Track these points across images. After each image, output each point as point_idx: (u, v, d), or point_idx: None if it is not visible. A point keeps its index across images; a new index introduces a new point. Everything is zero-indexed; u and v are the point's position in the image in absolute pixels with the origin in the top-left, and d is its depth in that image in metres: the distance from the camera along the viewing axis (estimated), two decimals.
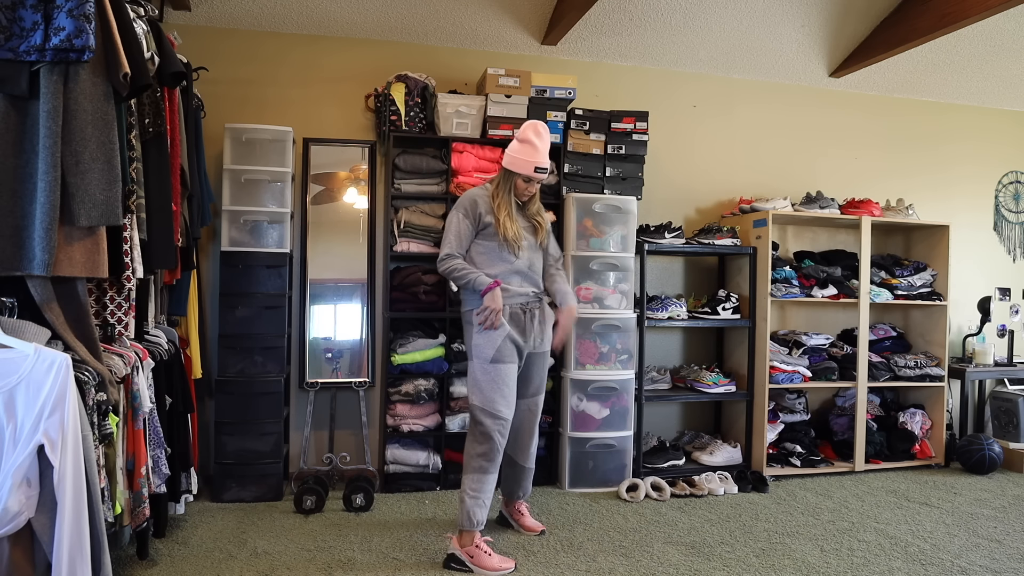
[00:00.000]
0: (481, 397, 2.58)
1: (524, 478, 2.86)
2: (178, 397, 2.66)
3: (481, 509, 2.54)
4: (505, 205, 2.67)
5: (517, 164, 2.64)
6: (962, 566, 2.55)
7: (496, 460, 2.59)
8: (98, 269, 1.89)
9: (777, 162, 4.31)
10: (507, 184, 2.69)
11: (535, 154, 2.62)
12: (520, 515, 2.88)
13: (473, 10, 3.54)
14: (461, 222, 2.67)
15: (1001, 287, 4.63)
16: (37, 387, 1.57)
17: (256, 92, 3.58)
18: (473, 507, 2.53)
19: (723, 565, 2.53)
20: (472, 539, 2.52)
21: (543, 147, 2.65)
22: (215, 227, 3.42)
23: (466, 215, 2.67)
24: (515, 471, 2.85)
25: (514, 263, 2.69)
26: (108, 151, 1.87)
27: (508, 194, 2.69)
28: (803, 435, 3.93)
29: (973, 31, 3.76)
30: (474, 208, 2.68)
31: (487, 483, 2.57)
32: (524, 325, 2.69)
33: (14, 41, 1.76)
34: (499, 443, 2.58)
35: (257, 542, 2.68)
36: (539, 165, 2.63)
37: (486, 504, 2.56)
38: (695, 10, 3.61)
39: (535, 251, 2.78)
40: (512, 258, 2.68)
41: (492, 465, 2.58)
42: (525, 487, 2.88)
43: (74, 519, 1.58)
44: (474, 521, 2.53)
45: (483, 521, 2.55)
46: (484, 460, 2.57)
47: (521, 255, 2.70)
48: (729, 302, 3.83)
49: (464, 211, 2.68)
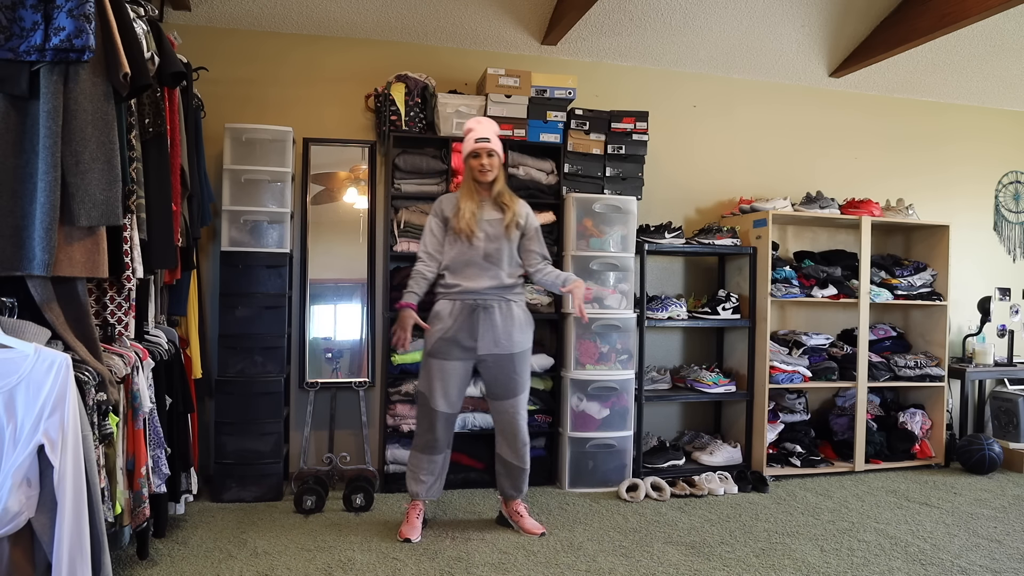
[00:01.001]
0: (422, 383, 2.79)
1: (515, 476, 2.84)
2: (178, 397, 2.66)
3: (415, 483, 2.80)
4: (467, 195, 2.79)
5: (463, 149, 2.82)
6: (962, 566, 2.55)
7: (431, 447, 2.77)
8: (98, 269, 1.89)
9: (777, 162, 4.31)
10: (467, 175, 2.83)
11: (475, 134, 2.78)
12: (519, 516, 2.87)
13: (473, 10, 3.54)
14: (430, 223, 2.85)
15: (1001, 287, 4.63)
16: (37, 387, 1.57)
17: (256, 92, 3.58)
18: (409, 479, 2.83)
19: (723, 565, 2.53)
20: (413, 507, 2.81)
21: (482, 128, 2.78)
22: (215, 227, 3.42)
23: (434, 215, 2.85)
24: (506, 468, 2.85)
25: (467, 252, 2.74)
26: (108, 151, 1.87)
27: (470, 184, 2.81)
28: (803, 435, 3.93)
29: (973, 31, 3.76)
30: (439, 207, 2.85)
31: (422, 462, 2.79)
32: (474, 323, 2.69)
33: (14, 41, 1.76)
34: (436, 431, 2.74)
35: (257, 542, 2.68)
36: (478, 136, 2.76)
37: (422, 479, 2.79)
38: (695, 10, 3.61)
39: (499, 241, 2.76)
40: (466, 247, 2.74)
41: (427, 447, 2.78)
42: (517, 485, 2.85)
43: (74, 519, 1.58)
44: (412, 493, 2.82)
45: (418, 493, 2.80)
46: (420, 440, 2.79)
47: (476, 243, 2.73)
48: (729, 302, 3.83)
49: (433, 212, 2.86)
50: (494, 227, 2.76)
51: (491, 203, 2.81)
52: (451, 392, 2.73)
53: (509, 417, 2.78)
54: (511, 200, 2.83)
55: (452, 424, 2.82)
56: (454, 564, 2.50)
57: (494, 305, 2.73)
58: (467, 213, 2.73)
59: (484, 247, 2.74)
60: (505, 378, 2.76)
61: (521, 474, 2.85)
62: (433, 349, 2.74)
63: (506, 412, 2.78)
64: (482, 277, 2.73)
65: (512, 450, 2.81)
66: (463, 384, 2.78)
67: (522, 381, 2.79)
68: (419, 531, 2.77)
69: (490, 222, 2.77)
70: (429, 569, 2.46)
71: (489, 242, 2.75)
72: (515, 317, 2.77)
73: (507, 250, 2.78)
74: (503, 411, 2.79)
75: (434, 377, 2.73)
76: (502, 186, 2.84)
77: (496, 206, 2.81)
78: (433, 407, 2.73)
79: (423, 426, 2.78)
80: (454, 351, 2.71)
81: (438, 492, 2.86)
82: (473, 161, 2.77)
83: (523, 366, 2.79)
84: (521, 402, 2.80)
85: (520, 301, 2.83)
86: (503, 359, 2.74)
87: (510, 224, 2.78)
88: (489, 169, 2.77)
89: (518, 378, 2.77)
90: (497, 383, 2.77)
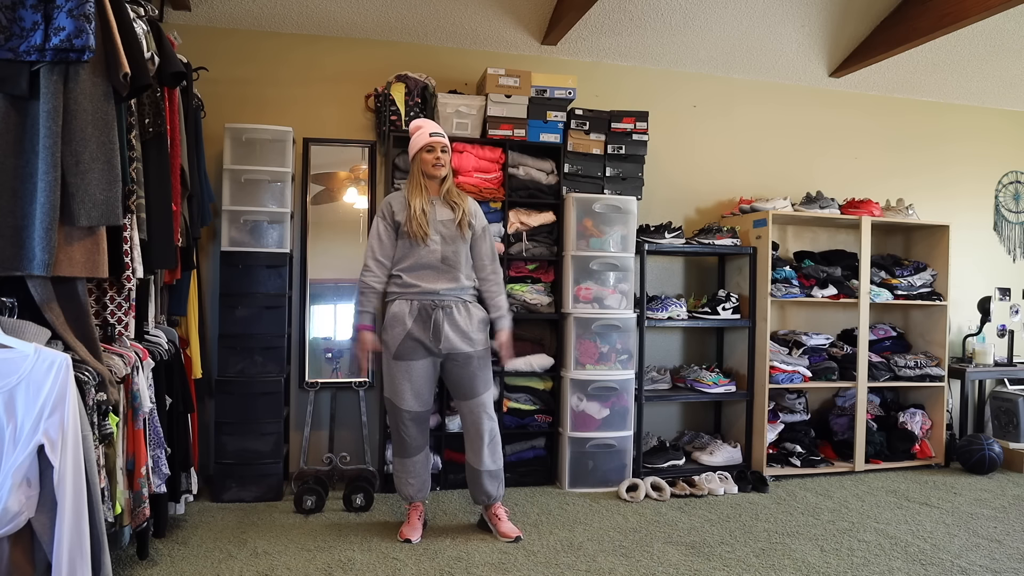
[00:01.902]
0: (387, 388, 2.77)
1: (481, 481, 2.77)
2: (178, 397, 2.66)
3: (405, 487, 2.81)
4: (416, 192, 2.73)
5: (415, 144, 2.76)
6: (962, 566, 2.55)
7: (407, 448, 2.77)
8: (98, 269, 1.89)
9: (777, 162, 4.31)
10: (415, 170, 2.78)
11: (427, 128, 2.75)
12: (497, 520, 2.80)
13: (473, 10, 3.54)
14: (377, 225, 2.77)
15: (1001, 287, 4.64)
16: (37, 387, 1.57)
17: (256, 92, 3.58)
18: (397, 484, 2.85)
19: (723, 565, 2.53)
20: (414, 508, 2.83)
21: (430, 125, 2.76)
22: (215, 227, 3.42)
23: (382, 217, 2.77)
24: (470, 474, 2.81)
25: (422, 256, 2.70)
26: (108, 151, 1.87)
27: (419, 179, 2.76)
28: (803, 435, 3.93)
29: (973, 31, 3.76)
30: (388, 208, 2.77)
31: (405, 465, 2.80)
32: (433, 324, 2.67)
33: (14, 41, 1.76)
34: (406, 432, 2.74)
35: (257, 542, 2.68)
36: (432, 131, 2.73)
37: (410, 483, 2.80)
38: (695, 10, 3.61)
39: (454, 243, 2.74)
40: (421, 250, 2.70)
41: (404, 451, 2.78)
42: (488, 491, 2.78)
43: (74, 519, 1.58)
44: (405, 496, 2.83)
45: (411, 496, 2.81)
46: (398, 445, 2.80)
47: (431, 246, 2.70)
48: (729, 302, 3.83)
49: (380, 214, 2.77)
50: (448, 228, 2.73)
51: (441, 201, 2.77)
52: (422, 390, 2.72)
53: (475, 417, 2.75)
54: (460, 198, 2.79)
55: (425, 422, 2.80)
56: (454, 564, 2.50)
57: (452, 306, 2.71)
58: (418, 211, 2.68)
59: (441, 250, 2.71)
60: (469, 377, 2.74)
61: (485, 478, 2.76)
62: (398, 352, 2.69)
63: (472, 412, 2.76)
64: (440, 279, 2.71)
65: (476, 452, 2.76)
66: (431, 382, 2.75)
67: (486, 379, 2.78)
68: (420, 531, 2.77)
69: (444, 223, 2.73)
70: (429, 569, 2.46)
71: (445, 245, 2.72)
72: (474, 317, 2.76)
73: (464, 251, 2.77)
74: (470, 411, 2.76)
75: (401, 379, 2.70)
76: (451, 183, 2.82)
77: (446, 204, 2.77)
78: (403, 408, 2.71)
79: (397, 431, 2.76)
80: (418, 351, 2.69)
81: (427, 490, 2.87)
82: (427, 155, 2.72)
83: (486, 364, 2.78)
84: (486, 401, 2.77)
85: (476, 301, 2.83)
86: (466, 358, 2.72)
87: (462, 222, 2.74)
88: (443, 165, 2.74)
89: (483, 375, 2.76)
90: (462, 383, 2.75)
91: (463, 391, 2.76)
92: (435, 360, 2.74)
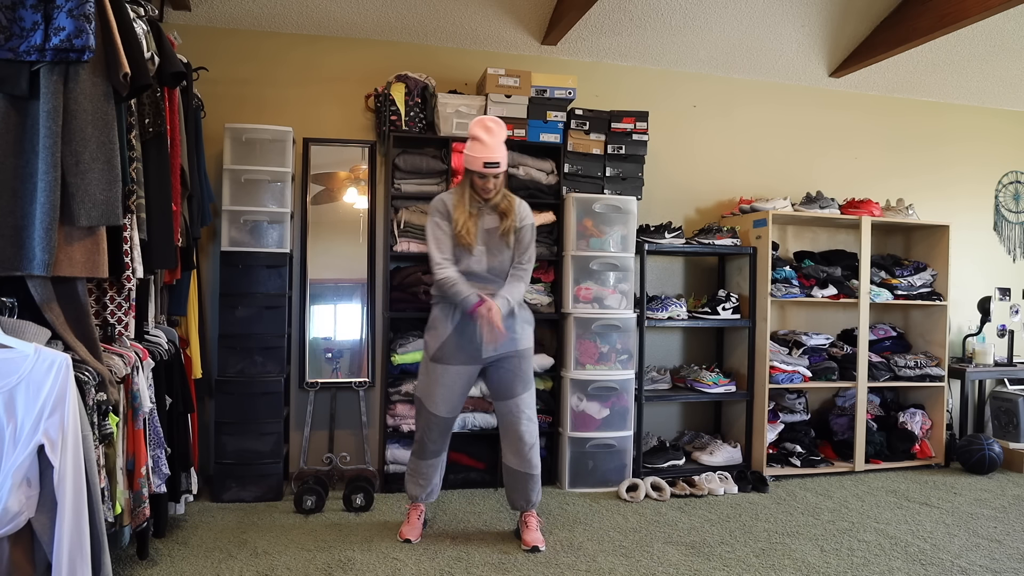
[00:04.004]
0: (420, 388, 2.76)
1: (521, 484, 2.74)
2: (178, 397, 2.66)
3: (414, 487, 2.82)
4: (463, 203, 2.69)
5: (469, 161, 2.66)
6: (962, 566, 2.55)
7: (424, 450, 2.77)
8: (98, 269, 1.89)
9: (777, 162, 4.31)
10: (466, 181, 2.73)
11: (484, 150, 2.61)
12: (525, 526, 2.74)
13: (473, 10, 3.54)
14: (437, 226, 2.70)
15: (1001, 287, 4.63)
16: (37, 387, 1.57)
17: (256, 92, 3.58)
18: (407, 483, 2.85)
19: (723, 565, 2.53)
20: (414, 508, 2.83)
21: (492, 141, 2.62)
22: (215, 227, 3.42)
23: (441, 216, 2.71)
24: (509, 475, 2.77)
25: (468, 264, 2.69)
26: (108, 151, 1.87)
27: (467, 191, 2.72)
28: (803, 435, 3.93)
29: (973, 31, 3.76)
30: (443, 207, 2.72)
31: (420, 466, 2.80)
32: (476, 326, 2.63)
33: (14, 41, 1.76)
34: (428, 435, 2.74)
35: (257, 542, 2.68)
36: (487, 160, 2.60)
37: (420, 484, 2.81)
38: (695, 10, 3.61)
39: (500, 254, 2.72)
40: (467, 258, 2.69)
41: (421, 452, 2.78)
42: (526, 495, 2.75)
43: (74, 519, 1.58)
44: (411, 496, 2.84)
45: (418, 496, 2.82)
46: (418, 445, 2.80)
47: (475, 256, 2.69)
48: (729, 302, 3.83)
49: (437, 213, 2.72)
50: (492, 236, 2.71)
51: (489, 208, 2.75)
52: (453, 397, 2.70)
53: (513, 418, 2.71)
54: (509, 206, 2.74)
55: (450, 428, 2.79)
56: (454, 564, 2.50)
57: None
58: (465, 221, 2.65)
59: (487, 261, 2.70)
60: (510, 376, 2.71)
61: (527, 481, 2.74)
62: (436, 354, 2.68)
63: (510, 412, 2.72)
64: (486, 287, 2.68)
65: (515, 454, 2.73)
66: (465, 389, 2.73)
67: (526, 379, 2.74)
68: (420, 531, 2.77)
69: (489, 231, 2.71)
70: (429, 569, 2.46)
71: (490, 256, 2.70)
72: (516, 316, 2.73)
73: (509, 260, 2.75)
74: (507, 411, 2.73)
75: (436, 382, 2.68)
76: (503, 194, 2.76)
77: (495, 211, 2.74)
78: (433, 411, 2.71)
79: (421, 431, 2.77)
80: (458, 356, 2.67)
81: (436, 494, 2.87)
82: (479, 180, 2.67)
83: (527, 364, 2.75)
84: (525, 401, 2.73)
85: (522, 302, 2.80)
86: (507, 358, 2.70)
87: (508, 230, 2.72)
88: (494, 190, 2.70)
89: (523, 375, 2.73)
90: (502, 383, 2.72)
91: (502, 390, 2.73)
92: (473, 368, 2.70)
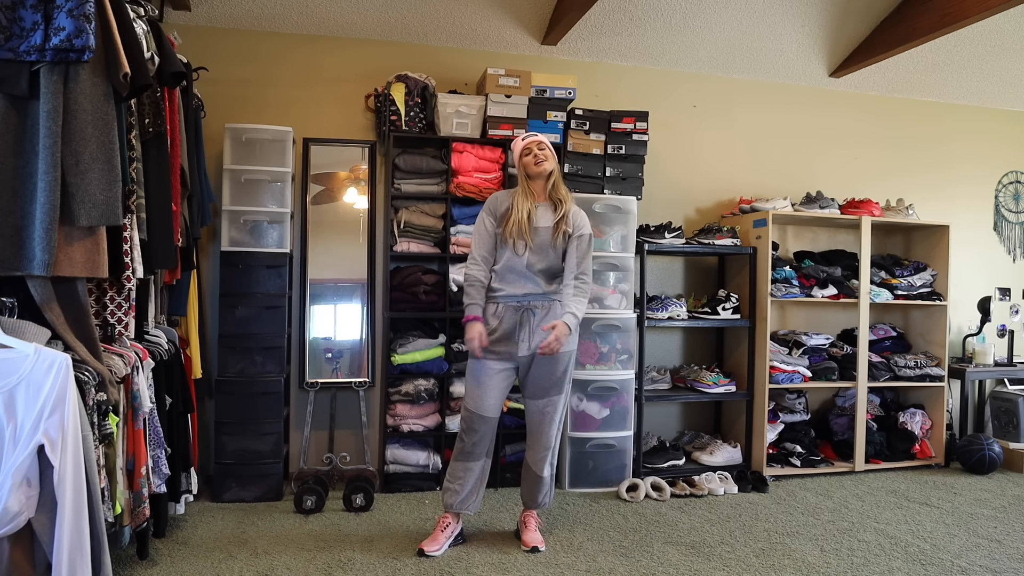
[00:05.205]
0: (465, 390, 2.73)
1: (531, 483, 2.75)
2: (178, 397, 2.66)
3: (450, 494, 2.69)
4: (522, 196, 2.72)
5: (516, 156, 2.81)
6: (962, 566, 2.55)
7: (471, 451, 2.68)
8: (98, 269, 1.89)
9: (777, 162, 4.31)
10: (521, 177, 2.79)
11: (519, 138, 2.82)
12: (524, 526, 2.77)
13: (473, 10, 3.54)
14: (482, 222, 2.76)
15: (1001, 287, 4.63)
16: (37, 387, 1.57)
17: (256, 92, 3.58)
18: (446, 490, 2.72)
19: (723, 565, 2.53)
20: (442, 519, 2.71)
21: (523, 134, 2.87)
22: (215, 227, 3.42)
23: (488, 212, 2.76)
24: (525, 471, 2.79)
25: (512, 260, 2.68)
26: (108, 151, 1.87)
27: (524, 185, 2.76)
28: (803, 435, 3.93)
29: (973, 31, 3.76)
30: (495, 203, 2.77)
31: (460, 470, 2.69)
32: (519, 324, 2.64)
33: (14, 41, 1.76)
34: (473, 436, 2.66)
35: (257, 542, 2.68)
36: (524, 136, 2.79)
37: (458, 491, 2.68)
38: (695, 10, 3.61)
39: (546, 254, 2.69)
40: (512, 254, 2.68)
41: (459, 451, 2.70)
42: (533, 495, 2.76)
43: (74, 519, 1.58)
44: (444, 503, 2.71)
45: (452, 504, 2.68)
46: (461, 446, 2.70)
47: (520, 252, 2.67)
48: (729, 302, 3.83)
49: (487, 209, 2.77)
50: (542, 236, 2.69)
51: (546, 203, 2.74)
52: (488, 395, 2.65)
53: (540, 417, 2.70)
54: (566, 197, 2.76)
55: (487, 430, 2.68)
56: (454, 564, 2.50)
57: (537, 305, 2.68)
58: (522, 216, 2.66)
59: (528, 258, 2.68)
60: (544, 376, 2.68)
61: (537, 482, 2.74)
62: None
63: (539, 411, 2.70)
64: (525, 284, 2.68)
65: (533, 454, 2.74)
66: (504, 387, 2.70)
67: (561, 382, 2.69)
68: (440, 545, 2.63)
69: (540, 230, 2.69)
70: (429, 569, 2.46)
71: (534, 255, 2.68)
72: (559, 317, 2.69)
73: (554, 259, 2.72)
74: (536, 410, 2.71)
75: (477, 381, 2.66)
76: (558, 178, 2.78)
77: (551, 204, 2.74)
78: (472, 410, 2.65)
79: (460, 428, 2.71)
80: (497, 353, 2.66)
81: (476, 505, 2.72)
82: (527, 159, 2.73)
83: (566, 367, 2.71)
84: (555, 403, 2.70)
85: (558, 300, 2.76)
86: (546, 360, 2.66)
87: (560, 223, 2.70)
88: (544, 159, 2.72)
89: (559, 377, 2.69)
90: (536, 381, 2.69)
91: (536, 389, 2.70)
92: (511, 369, 2.69)
